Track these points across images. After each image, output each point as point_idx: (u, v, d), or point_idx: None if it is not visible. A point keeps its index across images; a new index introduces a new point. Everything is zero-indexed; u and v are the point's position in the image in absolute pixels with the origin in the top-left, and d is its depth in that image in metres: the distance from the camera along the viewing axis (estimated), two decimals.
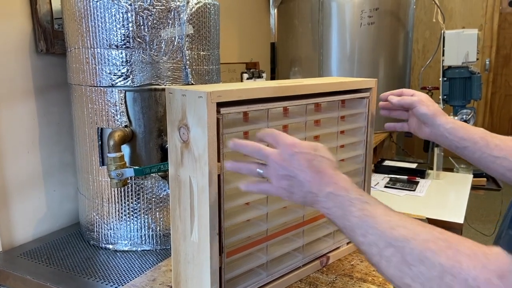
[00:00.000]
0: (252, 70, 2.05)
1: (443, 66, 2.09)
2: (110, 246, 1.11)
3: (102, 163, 1.07)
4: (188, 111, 0.72)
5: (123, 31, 0.99)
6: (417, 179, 1.68)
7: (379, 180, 1.69)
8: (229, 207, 0.77)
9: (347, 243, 1.03)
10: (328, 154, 0.65)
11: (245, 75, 2.00)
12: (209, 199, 0.71)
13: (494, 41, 3.61)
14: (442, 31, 2.06)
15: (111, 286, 0.94)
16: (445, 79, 2.09)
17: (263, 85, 0.78)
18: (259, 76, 2.04)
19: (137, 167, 0.98)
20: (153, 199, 1.07)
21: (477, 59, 2.03)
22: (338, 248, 1.02)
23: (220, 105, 0.70)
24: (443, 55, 2.06)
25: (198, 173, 0.72)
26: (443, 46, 2.06)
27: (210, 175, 0.71)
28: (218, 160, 0.72)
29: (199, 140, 0.70)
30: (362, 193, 0.60)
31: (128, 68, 1.01)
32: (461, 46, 2.01)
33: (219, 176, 0.73)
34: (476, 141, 0.83)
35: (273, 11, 2.50)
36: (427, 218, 1.26)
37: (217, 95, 0.69)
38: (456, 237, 0.51)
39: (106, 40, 1.00)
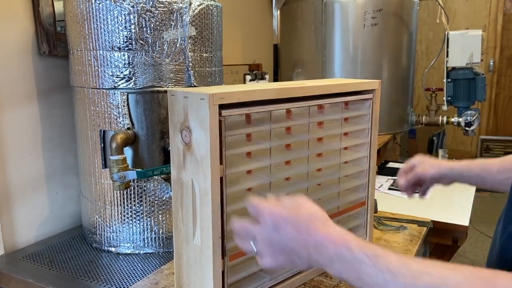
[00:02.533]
0: (255, 72, 2.05)
1: (447, 67, 2.08)
2: (113, 249, 1.10)
3: (105, 165, 1.07)
4: (190, 113, 0.71)
5: (126, 33, 0.98)
6: None
7: (382, 182, 1.68)
8: (231, 210, 0.77)
9: None
10: (313, 207, 0.59)
11: (248, 77, 2.00)
12: (212, 202, 0.71)
13: (498, 42, 3.59)
14: (446, 32, 2.05)
15: None
16: (449, 80, 2.08)
17: (265, 87, 0.77)
18: (262, 78, 2.03)
19: (139, 170, 0.98)
20: (156, 201, 1.07)
21: (482, 60, 2.02)
22: None
23: (222, 107, 0.69)
24: (447, 56, 2.05)
25: (201, 175, 0.72)
26: (447, 47, 2.05)
27: (212, 177, 0.70)
28: (221, 163, 0.71)
29: (201, 143, 0.70)
30: (365, 246, 0.53)
31: (131, 70, 1.00)
32: (465, 47, 2.00)
33: (221, 178, 0.72)
34: (491, 170, 0.88)
35: (276, 13, 2.50)
36: (432, 221, 1.25)
37: (219, 97, 0.68)
38: (490, 272, 0.46)
39: (109, 42, 0.99)
